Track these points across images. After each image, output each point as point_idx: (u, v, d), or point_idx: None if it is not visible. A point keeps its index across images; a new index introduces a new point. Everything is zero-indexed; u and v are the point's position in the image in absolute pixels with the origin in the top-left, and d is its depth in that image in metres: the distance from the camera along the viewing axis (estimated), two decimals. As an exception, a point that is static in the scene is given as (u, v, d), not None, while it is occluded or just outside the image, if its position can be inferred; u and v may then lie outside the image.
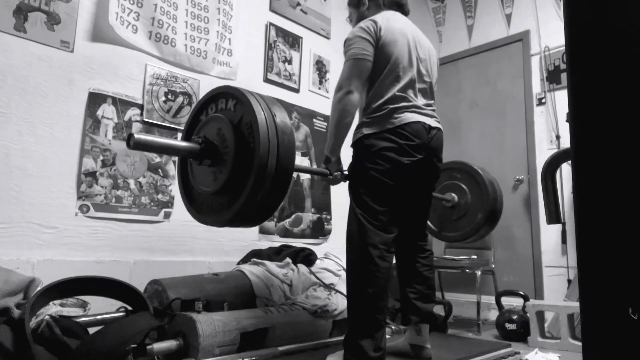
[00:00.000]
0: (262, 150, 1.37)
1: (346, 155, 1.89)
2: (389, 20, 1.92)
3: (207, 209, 1.63)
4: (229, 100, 1.55)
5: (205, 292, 2.02)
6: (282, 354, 1.90)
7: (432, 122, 1.89)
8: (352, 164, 1.89)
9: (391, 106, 1.83)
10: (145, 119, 2.52)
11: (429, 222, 2.18)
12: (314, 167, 2.01)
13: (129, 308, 1.82)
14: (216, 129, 1.52)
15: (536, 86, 3.67)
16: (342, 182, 1.94)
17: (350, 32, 1.92)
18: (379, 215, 1.77)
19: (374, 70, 1.86)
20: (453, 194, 2.48)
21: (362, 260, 1.73)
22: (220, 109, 1.58)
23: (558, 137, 3.48)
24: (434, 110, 1.98)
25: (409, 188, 1.89)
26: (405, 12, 2.11)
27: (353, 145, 1.90)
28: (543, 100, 3.61)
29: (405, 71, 1.87)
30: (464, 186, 2.46)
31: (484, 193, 2.40)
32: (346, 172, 1.91)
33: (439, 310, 2.88)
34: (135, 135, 1.30)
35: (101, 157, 2.34)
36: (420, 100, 1.91)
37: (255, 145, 1.39)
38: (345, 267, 2.48)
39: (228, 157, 1.45)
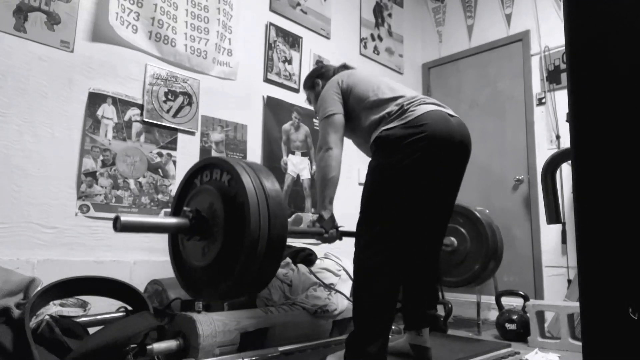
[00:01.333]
0: (253, 225, 1.30)
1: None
2: (347, 75, 2.02)
3: (202, 284, 1.53)
4: (217, 171, 1.49)
5: (205, 292, 2.01)
6: (282, 354, 1.90)
7: (448, 111, 1.82)
8: (372, 165, 1.78)
9: (396, 107, 1.78)
10: (145, 119, 2.52)
11: None
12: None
13: (129, 308, 1.82)
14: (206, 201, 1.45)
15: (536, 86, 3.67)
16: (339, 240, 1.92)
17: (319, 95, 2.02)
18: (397, 230, 1.68)
19: (358, 106, 1.89)
20: (453, 239, 2.44)
21: (373, 278, 1.66)
22: (209, 180, 1.51)
23: (558, 137, 3.48)
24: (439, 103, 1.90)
25: (437, 179, 1.78)
26: None
27: (373, 142, 1.79)
28: (543, 100, 3.61)
29: (385, 93, 1.86)
30: (464, 232, 2.42)
31: (484, 242, 2.36)
32: (342, 228, 1.91)
33: (439, 310, 2.88)
34: (122, 218, 1.23)
35: (101, 157, 2.34)
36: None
37: (245, 215, 1.32)
38: (344, 267, 2.49)
39: (218, 231, 1.38)
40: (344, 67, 2.21)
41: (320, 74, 2.20)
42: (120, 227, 1.23)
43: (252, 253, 1.30)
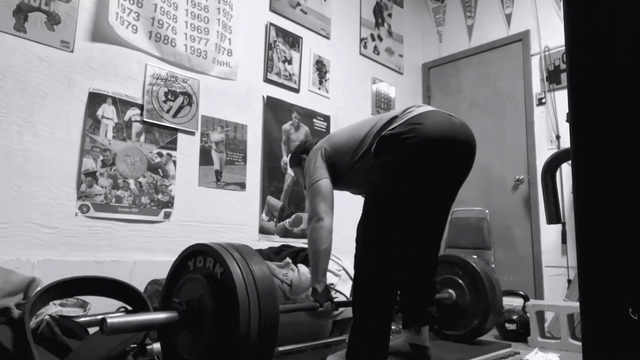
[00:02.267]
0: (242, 314, 1.27)
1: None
2: (326, 138, 2.04)
3: None
4: (203, 258, 1.44)
5: (205, 293, 2.01)
6: (282, 354, 1.90)
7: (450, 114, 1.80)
8: (376, 165, 1.76)
9: (389, 121, 1.76)
10: (145, 119, 2.52)
11: None
12: (304, 304, 1.86)
13: (129, 308, 1.82)
14: (194, 291, 1.41)
15: (536, 86, 3.67)
16: (335, 312, 1.89)
17: (304, 168, 2.01)
18: (399, 229, 1.68)
19: (344, 158, 1.88)
20: (451, 291, 2.43)
21: (374, 277, 1.67)
22: (196, 268, 1.47)
23: (558, 137, 3.48)
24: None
25: (438, 177, 1.77)
26: None
27: (375, 148, 1.76)
28: (543, 100, 3.61)
29: (380, 119, 1.84)
30: (462, 284, 2.42)
31: (482, 296, 2.35)
32: (337, 300, 1.85)
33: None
34: (108, 321, 1.19)
35: (101, 157, 2.34)
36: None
37: (234, 306, 1.29)
38: (344, 267, 2.49)
39: (208, 323, 1.34)
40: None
41: (304, 150, 2.17)
42: (107, 330, 1.18)
43: (242, 347, 1.27)
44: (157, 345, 1.62)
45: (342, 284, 2.38)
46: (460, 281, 2.41)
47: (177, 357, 1.45)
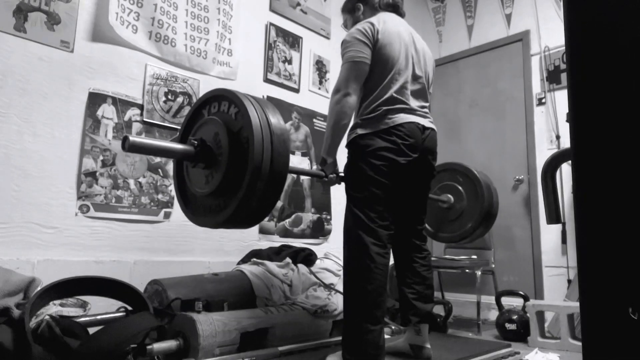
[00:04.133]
0: (256, 154, 1.37)
1: (343, 156, 1.90)
2: (385, 23, 1.91)
3: (202, 210, 1.63)
4: (224, 102, 1.55)
5: (205, 292, 2.02)
6: (282, 354, 1.90)
7: (425, 123, 1.93)
8: (347, 164, 1.90)
9: (385, 107, 1.85)
10: (145, 119, 2.52)
11: (426, 224, 2.18)
12: (311, 168, 2.00)
13: (129, 308, 1.82)
14: (211, 132, 1.52)
15: (536, 86, 3.67)
16: (337, 184, 1.95)
17: (347, 34, 1.93)
18: (375, 213, 1.78)
19: (370, 72, 1.87)
20: (449, 196, 2.48)
21: (359, 257, 1.74)
22: (216, 112, 1.58)
23: (558, 137, 3.48)
24: (427, 112, 2.00)
25: (405, 187, 1.91)
26: (400, 13, 2.09)
27: (348, 145, 1.91)
28: (543, 100, 3.61)
29: (400, 73, 1.89)
30: (462, 190, 2.46)
31: (480, 200, 2.40)
32: (342, 174, 1.92)
33: (439, 310, 2.88)
34: (130, 138, 1.31)
35: (101, 157, 2.34)
36: (414, 102, 1.93)
37: (249, 148, 1.39)
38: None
39: (222, 160, 1.46)
40: (392, 6, 2.07)
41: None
42: (128, 147, 1.32)
43: (252, 184, 1.38)
44: (157, 345, 1.62)
45: (342, 284, 2.38)
46: (460, 187, 2.46)
47: (190, 191, 1.61)
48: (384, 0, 2.05)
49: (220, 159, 1.46)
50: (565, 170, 3.28)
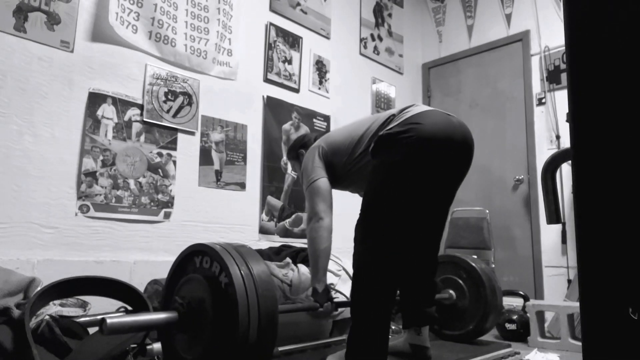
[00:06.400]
0: (241, 315, 1.27)
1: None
2: (325, 137, 2.03)
3: None
4: (204, 258, 1.44)
5: (205, 293, 2.01)
6: (282, 354, 1.90)
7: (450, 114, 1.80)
8: (374, 165, 1.75)
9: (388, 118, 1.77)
10: (145, 119, 2.52)
11: None
12: (304, 304, 1.85)
13: (129, 308, 1.82)
14: (194, 292, 1.41)
15: (536, 86, 3.67)
16: (335, 312, 1.88)
17: (302, 165, 2.00)
18: (399, 229, 1.68)
19: (342, 158, 1.88)
20: (452, 292, 2.43)
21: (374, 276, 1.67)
22: (197, 268, 1.46)
23: (558, 137, 3.48)
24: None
25: (435, 177, 1.76)
26: None
27: (372, 150, 1.76)
28: (543, 100, 3.62)
29: (376, 119, 1.86)
30: (464, 287, 2.42)
31: (482, 302, 2.35)
32: (337, 300, 1.85)
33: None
34: (108, 321, 1.20)
35: (101, 157, 2.34)
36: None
37: (234, 308, 1.29)
38: (344, 267, 2.48)
39: (207, 323, 1.34)
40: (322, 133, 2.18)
41: (303, 144, 2.17)
42: (107, 331, 1.19)
43: (241, 347, 1.27)
44: (157, 345, 1.61)
45: (342, 284, 2.38)
46: (462, 283, 2.41)
47: (177, 356, 1.45)
48: (317, 136, 2.16)
49: (205, 323, 1.35)
50: (565, 170, 3.29)
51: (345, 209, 2.41)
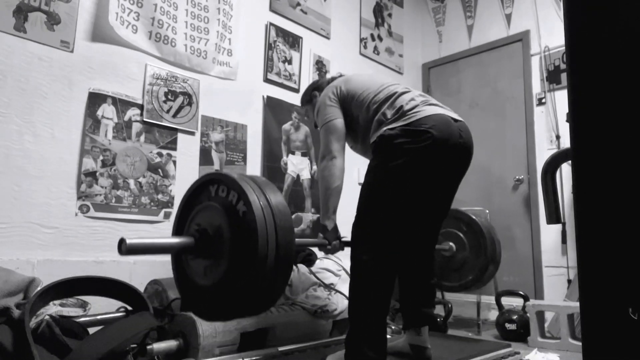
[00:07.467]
0: (260, 242, 1.26)
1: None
2: (344, 80, 2.00)
3: (204, 302, 1.47)
4: (220, 187, 1.43)
5: (205, 293, 2.01)
6: (282, 354, 1.90)
7: (452, 115, 1.81)
8: (371, 166, 1.77)
9: (398, 106, 1.76)
10: (145, 119, 2.52)
11: None
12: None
13: (129, 308, 1.82)
14: (210, 219, 1.40)
15: (536, 86, 3.67)
16: (341, 250, 1.90)
17: (316, 106, 1.99)
18: (397, 230, 1.69)
19: (358, 109, 1.87)
20: (451, 244, 2.43)
21: (372, 280, 1.67)
22: (212, 197, 1.45)
23: (558, 137, 3.48)
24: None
25: (435, 182, 1.78)
26: None
27: (373, 143, 1.78)
28: (543, 100, 3.61)
29: (386, 87, 1.86)
30: (465, 240, 2.42)
31: (482, 253, 2.36)
32: (344, 239, 1.86)
33: (439, 310, 2.88)
34: (127, 241, 1.21)
35: (101, 157, 2.34)
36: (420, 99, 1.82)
37: (252, 235, 1.28)
38: (344, 267, 2.49)
39: (225, 251, 1.34)
40: (340, 76, 2.16)
41: (317, 87, 2.17)
42: (125, 250, 1.20)
43: (260, 267, 1.26)
44: (157, 345, 1.62)
45: (342, 284, 2.38)
46: (462, 236, 2.42)
47: (192, 284, 1.46)
48: (331, 79, 2.13)
49: (223, 248, 1.35)
50: (565, 170, 3.28)
51: (346, 209, 2.41)
